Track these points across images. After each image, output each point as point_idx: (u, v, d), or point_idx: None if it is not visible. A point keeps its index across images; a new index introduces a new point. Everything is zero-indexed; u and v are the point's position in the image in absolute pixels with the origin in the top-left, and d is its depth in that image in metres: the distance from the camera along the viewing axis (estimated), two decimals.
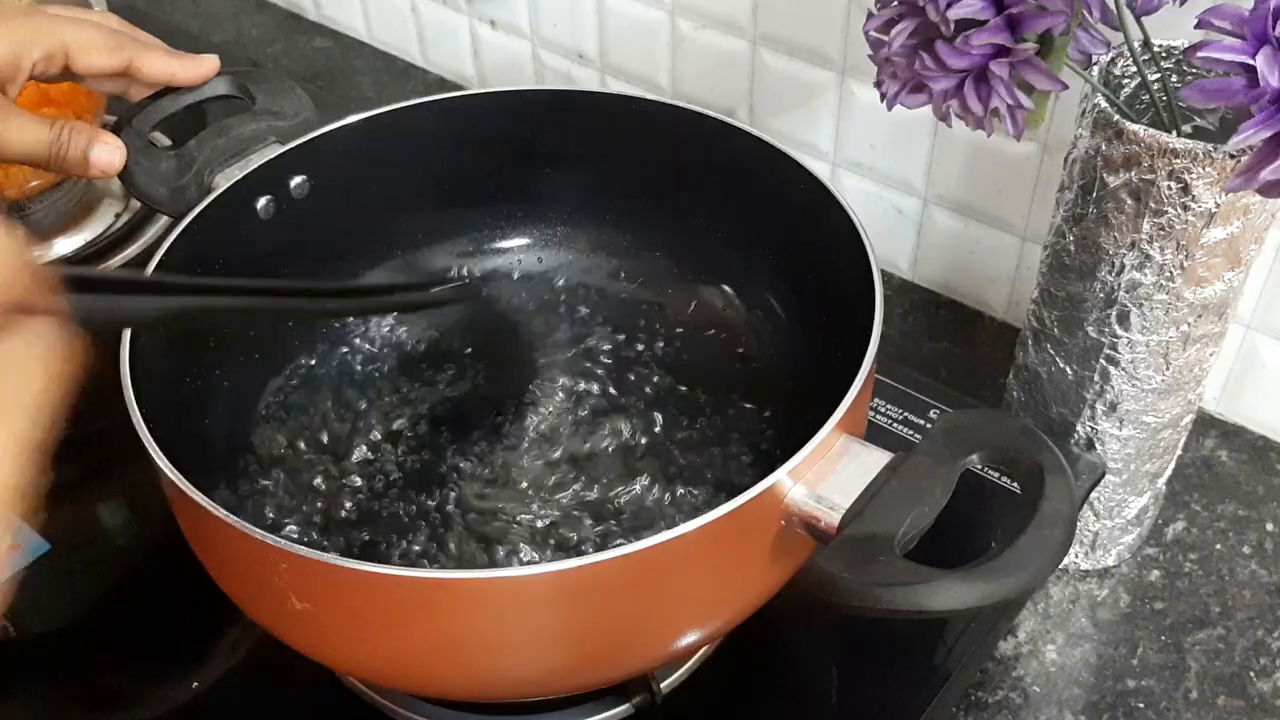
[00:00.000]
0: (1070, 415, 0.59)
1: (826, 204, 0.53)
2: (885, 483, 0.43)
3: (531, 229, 0.67)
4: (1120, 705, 0.59)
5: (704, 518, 0.40)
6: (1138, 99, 0.55)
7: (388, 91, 1.00)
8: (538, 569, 0.39)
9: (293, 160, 0.58)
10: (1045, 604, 0.64)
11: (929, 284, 0.81)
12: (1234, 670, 0.61)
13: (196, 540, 0.46)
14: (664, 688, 0.53)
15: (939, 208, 0.77)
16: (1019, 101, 0.48)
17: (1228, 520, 0.67)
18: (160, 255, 0.52)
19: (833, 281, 0.53)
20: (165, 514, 0.46)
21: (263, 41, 1.07)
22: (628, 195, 0.64)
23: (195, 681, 0.56)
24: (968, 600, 0.40)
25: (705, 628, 0.47)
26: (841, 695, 0.55)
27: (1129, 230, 0.52)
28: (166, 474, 0.43)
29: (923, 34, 0.48)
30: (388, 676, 0.49)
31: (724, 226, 0.62)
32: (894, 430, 0.64)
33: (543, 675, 0.46)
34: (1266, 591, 0.64)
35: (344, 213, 0.62)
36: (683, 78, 0.84)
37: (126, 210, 0.79)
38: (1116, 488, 0.61)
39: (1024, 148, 0.70)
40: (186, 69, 0.57)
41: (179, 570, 0.49)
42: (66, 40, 0.54)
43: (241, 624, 0.57)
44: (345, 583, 0.41)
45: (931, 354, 0.77)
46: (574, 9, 0.87)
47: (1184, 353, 0.55)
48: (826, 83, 0.76)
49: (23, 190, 0.75)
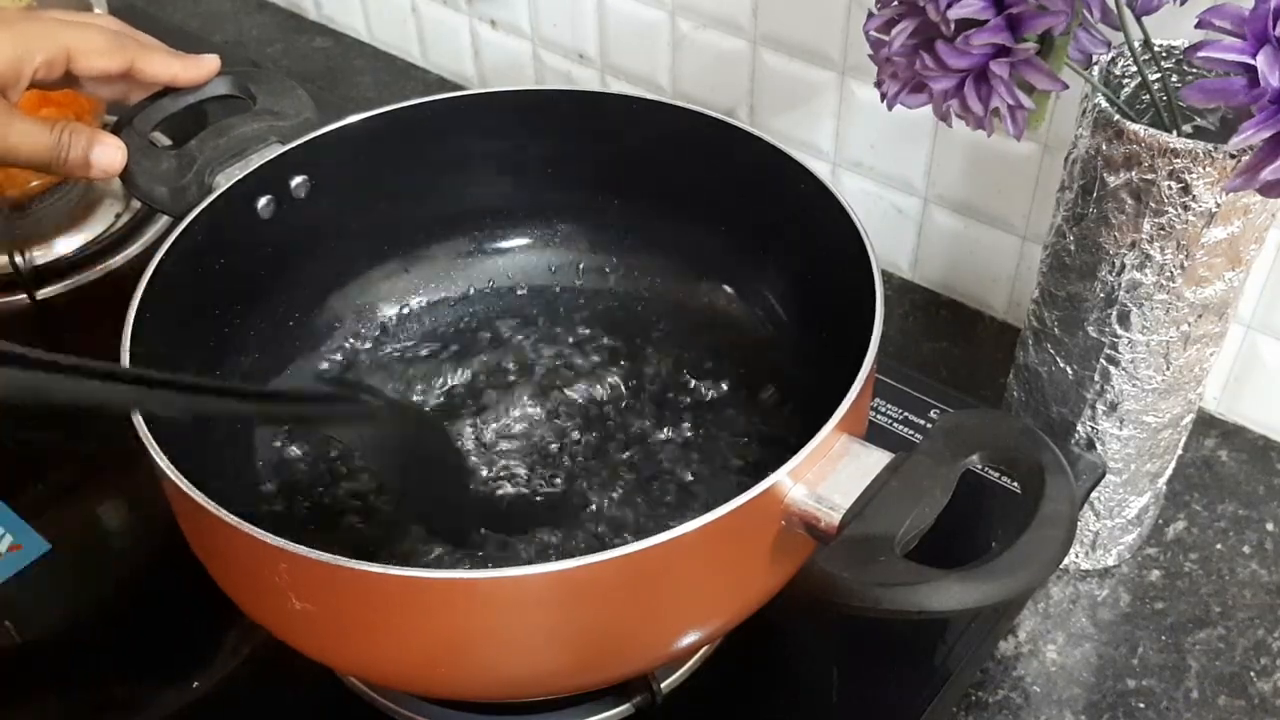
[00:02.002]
0: (1070, 415, 0.59)
1: (827, 204, 0.53)
2: (885, 483, 0.43)
3: (531, 229, 0.67)
4: (1121, 705, 0.59)
5: (704, 518, 0.40)
6: (1138, 99, 0.55)
7: (388, 91, 1.00)
8: (538, 569, 0.39)
9: (293, 160, 0.58)
10: (1046, 604, 0.64)
11: (929, 284, 0.81)
12: (1234, 670, 0.60)
13: (197, 540, 0.46)
14: (664, 688, 0.53)
15: (939, 208, 0.77)
16: (1019, 101, 0.48)
17: (1228, 520, 0.67)
18: (161, 254, 0.52)
19: (833, 281, 0.53)
20: (165, 514, 0.46)
21: (263, 41, 1.07)
22: (628, 195, 0.64)
23: (196, 682, 0.56)
24: (968, 601, 0.40)
25: (705, 628, 0.47)
26: (841, 695, 0.55)
27: (1129, 230, 0.52)
28: (167, 474, 0.43)
29: (923, 34, 0.48)
30: (388, 676, 0.49)
31: (724, 226, 0.62)
32: (894, 430, 0.64)
33: (543, 675, 0.46)
34: (1267, 591, 0.64)
35: (344, 213, 0.62)
36: (683, 78, 0.84)
37: (127, 210, 0.79)
38: (1117, 487, 0.61)
39: (1024, 148, 0.70)
40: (188, 69, 0.57)
41: (180, 571, 0.49)
42: (68, 44, 0.54)
43: (242, 624, 0.57)
44: (345, 583, 0.41)
45: (932, 354, 0.77)
46: (574, 9, 0.87)
47: (1184, 352, 0.55)
48: (827, 83, 0.76)
49: (23, 190, 0.75)
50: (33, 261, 0.74)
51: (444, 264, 0.67)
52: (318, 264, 0.63)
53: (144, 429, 0.44)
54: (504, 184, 0.65)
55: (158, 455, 0.43)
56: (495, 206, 0.66)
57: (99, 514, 0.66)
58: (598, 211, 0.66)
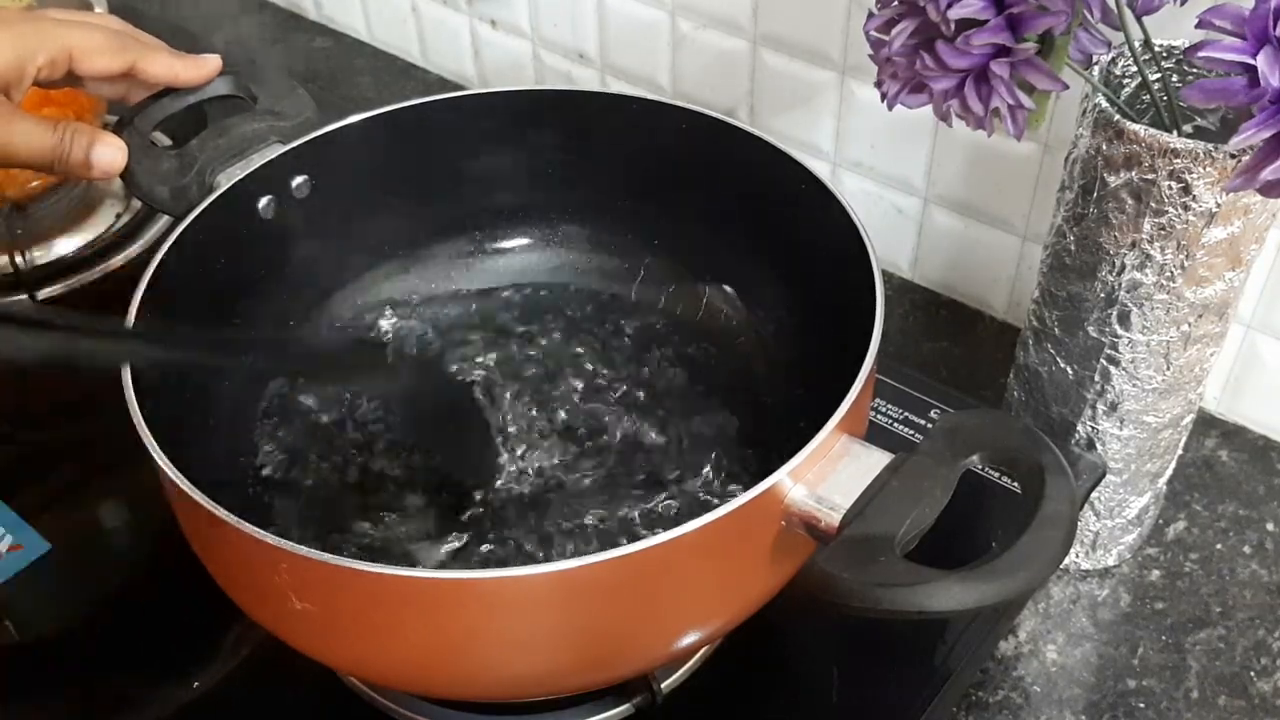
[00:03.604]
0: (1071, 415, 0.59)
1: (827, 204, 0.53)
2: (885, 483, 0.43)
3: (531, 229, 0.67)
4: (1121, 705, 0.59)
5: (704, 518, 0.40)
6: (1138, 99, 0.55)
7: (388, 91, 1.00)
8: (538, 569, 0.39)
9: (294, 160, 0.58)
10: (1046, 604, 0.64)
11: (929, 284, 0.81)
12: (1235, 670, 0.61)
13: (197, 540, 0.47)
14: (664, 688, 0.53)
15: (939, 208, 0.77)
16: (1019, 101, 0.48)
17: (1228, 520, 0.67)
18: (161, 254, 0.52)
19: (833, 281, 0.53)
20: (165, 514, 0.46)
21: (263, 41, 1.07)
22: (628, 195, 0.64)
23: (196, 681, 0.57)
24: (967, 601, 0.40)
25: (705, 628, 0.47)
26: (841, 695, 0.55)
27: (1129, 230, 0.52)
28: (167, 474, 0.43)
29: (923, 34, 0.48)
30: (388, 676, 0.49)
31: (724, 226, 0.62)
32: (894, 430, 0.64)
33: (543, 675, 0.46)
34: (1267, 591, 0.64)
35: (345, 212, 0.62)
36: (683, 78, 0.84)
37: (127, 210, 0.79)
38: (1117, 488, 0.61)
39: (1024, 148, 0.70)
40: (189, 69, 0.57)
41: (180, 570, 0.49)
42: (70, 44, 0.54)
43: (242, 624, 0.57)
44: (345, 583, 0.41)
45: (932, 354, 0.77)
46: (574, 9, 0.87)
47: (1184, 352, 0.55)
48: (827, 83, 0.76)
49: (23, 190, 0.75)
50: (33, 261, 0.74)
51: (444, 264, 0.67)
52: (318, 264, 0.63)
53: (143, 429, 0.44)
54: (504, 184, 0.65)
55: (157, 455, 0.43)
56: (495, 206, 0.66)
57: (99, 514, 0.66)
58: (598, 211, 0.66)
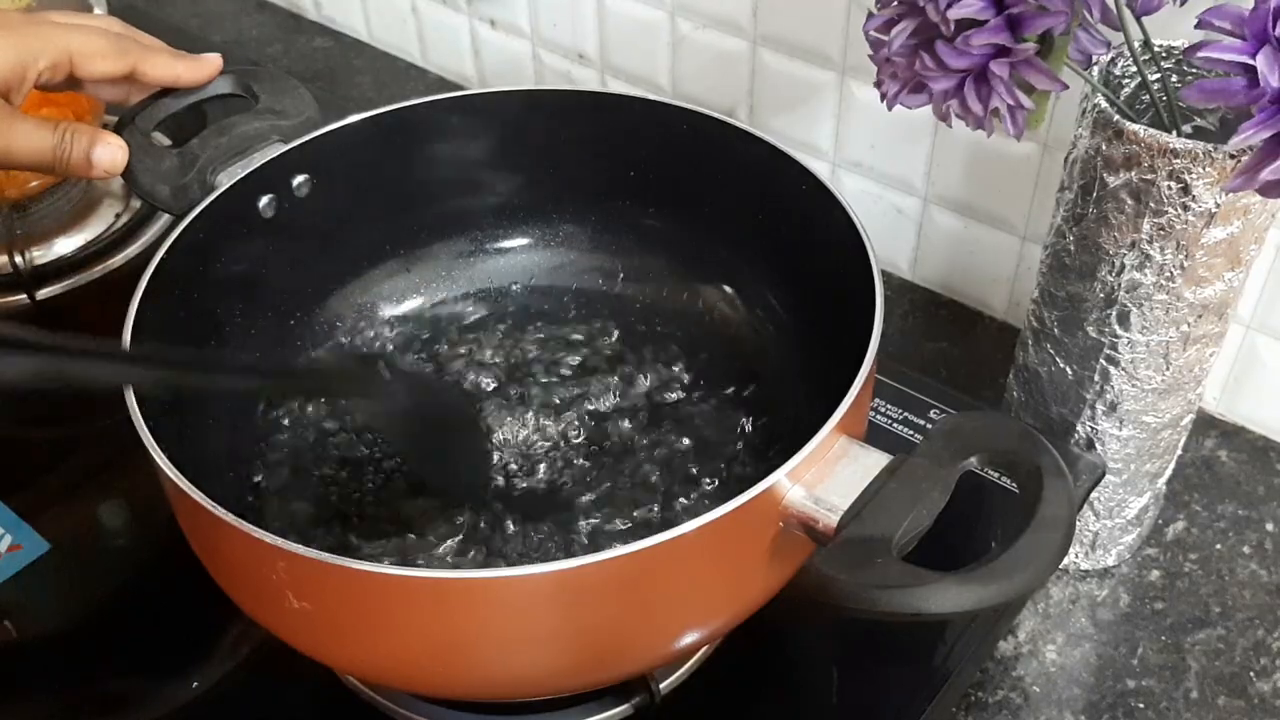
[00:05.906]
0: (1070, 415, 0.59)
1: (826, 204, 0.53)
2: (884, 485, 0.43)
3: (531, 229, 0.67)
4: (1120, 705, 0.59)
5: (703, 518, 0.40)
6: (1138, 99, 0.55)
7: (388, 91, 1.00)
8: (537, 569, 0.40)
9: (295, 159, 0.58)
10: (1045, 604, 0.64)
11: (929, 284, 0.81)
12: (1234, 670, 0.61)
13: (197, 540, 0.47)
14: (664, 688, 0.53)
15: (939, 208, 0.77)
16: (1019, 101, 0.48)
17: (1228, 520, 0.67)
18: (162, 254, 0.52)
19: (833, 281, 0.53)
20: (165, 514, 0.46)
21: (263, 41, 1.07)
22: (628, 195, 0.64)
23: (195, 681, 0.56)
24: (965, 603, 0.40)
25: (705, 628, 0.47)
26: (841, 695, 0.55)
27: (1129, 230, 0.52)
28: (167, 474, 0.43)
29: (923, 34, 0.48)
30: (386, 676, 0.49)
31: (724, 226, 0.62)
32: (894, 430, 0.64)
33: (543, 675, 0.46)
34: (1266, 591, 0.64)
35: (346, 212, 0.62)
36: (683, 78, 0.84)
37: (127, 210, 0.79)
38: (1116, 488, 0.61)
39: (1024, 148, 0.70)
40: (191, 70, 0.57)
41: (179, 570, 0.49)
42: (71, 48, 0.54)
43: (242, 624, 0.57)
44: (344, 582, 0.41)
45: (931, 354, 0.77)
46: (574, 9, 0.87)
47: (1184, 353, 0.55)
48: (826, 83, 0.76)
49: (23, 190, 0.75)
50: (33, 261, 0.74)
51: (445, 263, 0.67)
52: (319, 263, 0.63)
53: (143, 428, 0.44)
54: (504, 184, 0.65)
55: (157, 454, 0.43)
56: (496, 206, 0.66)
57: (99, 514, 0.66)
58: (598, 211, 0.66)
